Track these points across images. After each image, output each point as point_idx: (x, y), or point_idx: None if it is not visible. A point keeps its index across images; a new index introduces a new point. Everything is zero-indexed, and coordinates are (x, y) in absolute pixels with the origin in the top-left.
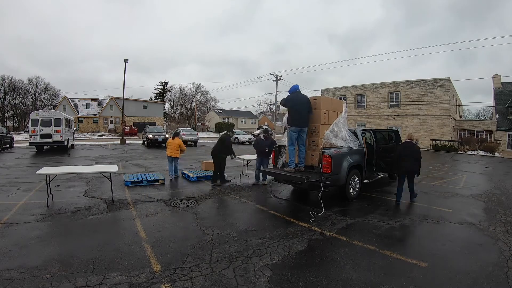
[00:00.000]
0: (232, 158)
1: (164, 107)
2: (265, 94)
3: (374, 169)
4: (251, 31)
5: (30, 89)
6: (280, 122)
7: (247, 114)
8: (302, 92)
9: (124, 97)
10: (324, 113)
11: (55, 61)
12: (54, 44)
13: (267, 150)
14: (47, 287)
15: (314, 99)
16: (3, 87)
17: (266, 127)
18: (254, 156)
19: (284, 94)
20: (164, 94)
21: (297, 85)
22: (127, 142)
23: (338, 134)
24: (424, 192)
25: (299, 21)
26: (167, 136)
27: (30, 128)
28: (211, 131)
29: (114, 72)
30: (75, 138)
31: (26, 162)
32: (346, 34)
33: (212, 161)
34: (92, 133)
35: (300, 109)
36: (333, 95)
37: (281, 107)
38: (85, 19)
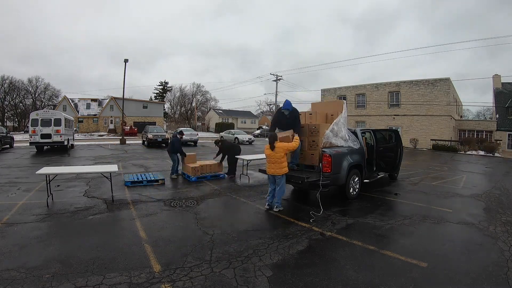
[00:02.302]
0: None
1: (164, 107)
2: (265, 94)
3: (374, 169)
4: (252, 11)
5: (30, 89)
6: None
7: (247, 114)
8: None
9: (124, 97)
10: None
11: (29, 55)
12: (28, 36)
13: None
14: (47, 287)
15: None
16: (3, 87)
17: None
18: (254, 156)
19: (284, 94)
20: (164, 94)
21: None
22: (127, 142)
23: (338, 133)
24: (424, 192)
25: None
26: (167, 136)
27: (30, 128)
28: (211, 131)
29: (98, 67)
30: (75, 138)
31: (26, 162)
32: (363, 15)
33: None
34: (92, 133)
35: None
36: (333, 95)
37: None
38: (61, 7)
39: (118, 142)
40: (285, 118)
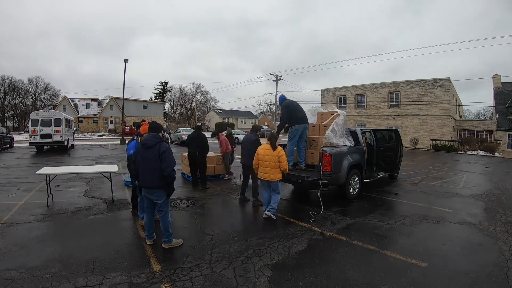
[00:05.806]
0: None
1: (164, 107)
2: (265, 94)
3: (374, 169)
4: None
5: (30, 89)
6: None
7: (247, 114)
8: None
9: (124, 97)
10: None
11: None
12: None
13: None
14: (47, 287)
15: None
16: (3, 87)
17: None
18: None
19: (285, 94)
20: (164, 94)
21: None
22: (127, 142)
23: (338, 133)
24: (424, 192)
25: None
26: (167, 136)
27: (30, 128)
28: (211, 131)
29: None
30: (75, 138)
31: (26, 162)
32: None
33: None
34: (92, 133)
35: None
36: (333, 95)
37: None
38: None
39: (118, 142)
40: (293, 109)
